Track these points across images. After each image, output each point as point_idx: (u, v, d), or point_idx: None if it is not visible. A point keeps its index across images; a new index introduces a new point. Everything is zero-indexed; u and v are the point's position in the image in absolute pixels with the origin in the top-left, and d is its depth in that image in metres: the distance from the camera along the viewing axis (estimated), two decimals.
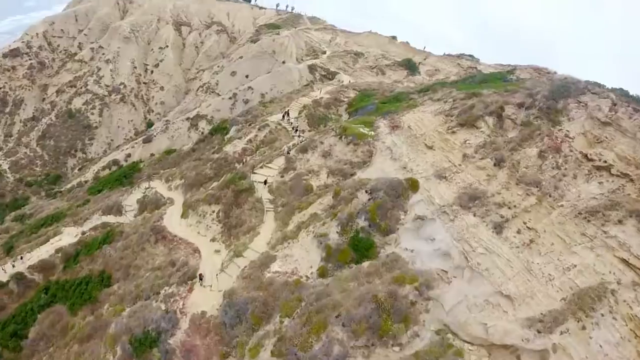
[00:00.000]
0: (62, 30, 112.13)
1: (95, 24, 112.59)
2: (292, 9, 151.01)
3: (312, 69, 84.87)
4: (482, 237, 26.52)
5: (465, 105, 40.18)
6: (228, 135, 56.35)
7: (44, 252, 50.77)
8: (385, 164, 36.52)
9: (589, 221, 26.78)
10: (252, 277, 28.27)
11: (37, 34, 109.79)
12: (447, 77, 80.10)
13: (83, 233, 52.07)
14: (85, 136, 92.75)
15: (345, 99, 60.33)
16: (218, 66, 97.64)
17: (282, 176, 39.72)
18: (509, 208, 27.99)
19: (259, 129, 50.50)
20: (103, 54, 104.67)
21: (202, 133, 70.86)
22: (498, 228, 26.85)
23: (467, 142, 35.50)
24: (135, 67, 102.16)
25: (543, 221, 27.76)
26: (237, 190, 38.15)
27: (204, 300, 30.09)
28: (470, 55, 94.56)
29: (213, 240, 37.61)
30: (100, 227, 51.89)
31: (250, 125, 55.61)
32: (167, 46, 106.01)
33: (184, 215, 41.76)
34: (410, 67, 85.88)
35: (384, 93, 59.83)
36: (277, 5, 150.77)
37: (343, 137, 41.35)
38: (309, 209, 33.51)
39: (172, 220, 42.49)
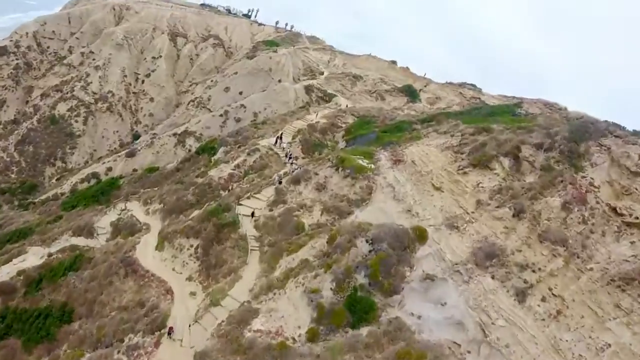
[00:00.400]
0: (53, 31, 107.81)
1: (88, 28, 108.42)
2: (292, 27, 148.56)
3: (308, 89, 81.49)
4: (502, 305, 22.57)
5: (476, 142, 36.76)
6: (215, 157, 52.27)
7: (5, 273, 45.89)
8: (386, 204, 32.67)
9: (623, 290, 23.12)
10: (230, 336, 23.93)
11: (27, 33, 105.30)
12: (449, 106, 77.15)
13: (50, 255, 47.38)
14: (66, 144, 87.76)
15: (343, 125, 56.73)
16: (212, 80, 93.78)
17: (270, 210, 35.63)
18: (533, 271, 24.18)
19: (248, 153, 46.51)
20: (93, 59, 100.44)
21: (189, 151, 66.61)
22: (520, 295, 22.96)
23: (480, 185, 31.84)
24: (126, 76, 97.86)
25: (571, 287, 24.04)
26: (220, 224, 33.96)
27: (172, 358, 25.68)
28: (472, 85, 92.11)
29: (189, 279, 33.29)
30: (69, 249, 47.33)
31: (239, 147, 51.62)
32: (161, 56, 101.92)
33: (159, 247, 37.40)
34: (410, 93, 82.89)
35: (384, 121, 56.38)
36: (277, 22, 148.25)
37: (340, 169, 37.50)
38: (299, 253, 29.41)
39: (146, 251, 38.07)
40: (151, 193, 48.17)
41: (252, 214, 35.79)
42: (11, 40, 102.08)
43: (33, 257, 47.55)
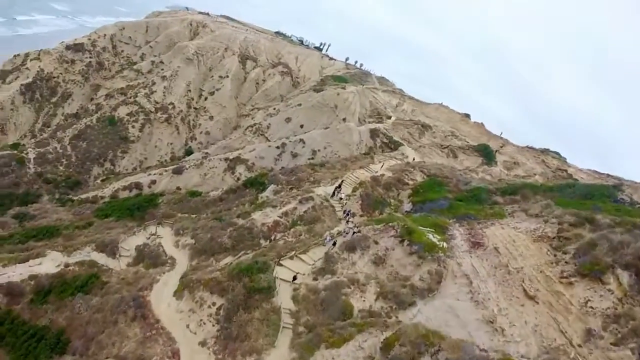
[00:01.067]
0: (130, 37, 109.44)
1: (163, 39, 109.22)
2: (361, 65, 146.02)
3: (374, 133, 75.84)
4: None
5: (582, 239, 29.48)
6: (263, 194, 46.91)
7: (18, 273, 41.37)
8: (460, 304, 25.72)
9: None
10: None
11: (105, 35, 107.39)
12: (529, 174, 68.91)
13: (67, 265, 43.06)
14: (119, 147, 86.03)
15: (410, 182, 50.17)
16: (274, 108, 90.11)
17: (315, 279, 29.43)
18: None
19: (300, 201, 40.65)
20: (162, 69, 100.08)
21: (238, 179, 61.95)
22: None
23: (590, 304, 24.36)
24: (190, 90, 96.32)
25: None
26: (252, 287, 28.02)
27: None
28: (555, 153, 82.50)
29: (202, 344, 27.28)
30: (87, 265, 43.10)
31: (291, 189, 46.06)
32: (228, 76, 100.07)
33: (177, 293, 31.87)
34: (486, 154, 74.87)
35: (458, 184, 49.43)
36: (347, 59, 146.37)
37: (406, 242, 30.99)
38: (341, 349, 22.83)
39: (163, 295, 32.68)
40: (185, 223, 43.15)
41: (294, 278, 29.72)
42: (89, 39, 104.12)
43: (50, 263, 43.35)
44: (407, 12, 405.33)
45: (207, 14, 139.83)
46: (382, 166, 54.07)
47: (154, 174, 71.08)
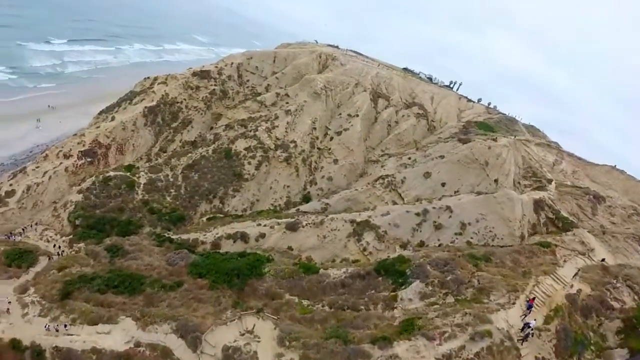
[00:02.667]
0: (256, 67, 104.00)
1: (290, 70, 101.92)
2: (495, 107, 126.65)
3: (537, 206, 57.67)
4: None
5: None
6: (404, 293, 32.20)
7: (81, 339, 34.57)
8: None
9: None
10: None
11: (232, 63, 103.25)
12: None
13: (137, 345, 33.87)
14: (231, 184, 77.66)
15: (617, 305, 32.29)
16: (409, 157, 75.68)
17: None
18: None
19: (472, 337, 25.67)
20: (286, 102, 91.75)
21: (364, 249, 48.30)
22: None
23: None
24: (315, 128, 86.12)
25: None
26: None
27: None
28: None
29: None
30: (160, 352, 33.10)
31: (446, 294, 30.86)
32: (358, 115, 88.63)
33: None
34: None
35: None
36: (479, 100, 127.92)
37: None
38: None
39: None
40: (295, 330, 30.14)
41: None
42: (216, 67, 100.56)
43: (119, 335, 35.14)
44: (540, 50, 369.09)
45: (337, 46, 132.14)
46: (577, 276, 35.90)
47: (264, 226, 60.10)
